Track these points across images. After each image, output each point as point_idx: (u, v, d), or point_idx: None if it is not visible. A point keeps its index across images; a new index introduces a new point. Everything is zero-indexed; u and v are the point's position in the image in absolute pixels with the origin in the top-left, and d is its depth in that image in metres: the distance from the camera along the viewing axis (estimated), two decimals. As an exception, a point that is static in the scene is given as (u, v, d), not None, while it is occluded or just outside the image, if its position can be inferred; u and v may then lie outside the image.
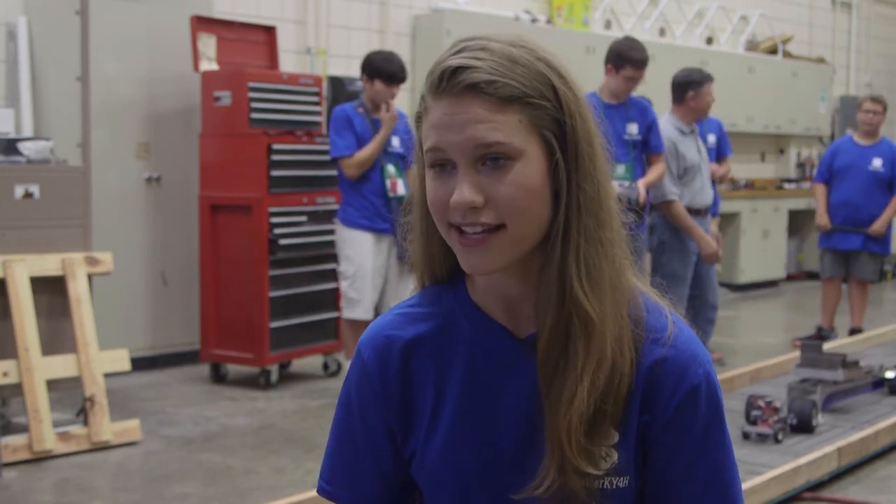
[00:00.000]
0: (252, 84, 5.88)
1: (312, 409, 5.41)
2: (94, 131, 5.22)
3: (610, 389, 1.18)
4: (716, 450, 1.22)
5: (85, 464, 4.47)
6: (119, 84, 6.15)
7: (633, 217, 1.26)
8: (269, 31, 6.63)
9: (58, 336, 4.74)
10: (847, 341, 6.77)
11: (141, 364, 5.99)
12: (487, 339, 1.24)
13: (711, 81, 5.94)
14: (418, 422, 1.26)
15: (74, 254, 4.81)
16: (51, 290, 4.74)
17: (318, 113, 6.20)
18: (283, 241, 5.84)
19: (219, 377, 6.02)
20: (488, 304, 1.25)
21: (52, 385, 4.64)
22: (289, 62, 7.14)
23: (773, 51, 11.19)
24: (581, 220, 1.17)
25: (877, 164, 7.09)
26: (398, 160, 5.38)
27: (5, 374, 4.49)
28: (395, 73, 5.26)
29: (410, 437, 1.26)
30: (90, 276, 4.87)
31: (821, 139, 11.84)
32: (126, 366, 4.92)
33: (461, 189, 1.14)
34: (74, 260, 4.78)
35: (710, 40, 10.57)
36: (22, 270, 4.61)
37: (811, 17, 12.21)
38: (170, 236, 6.41)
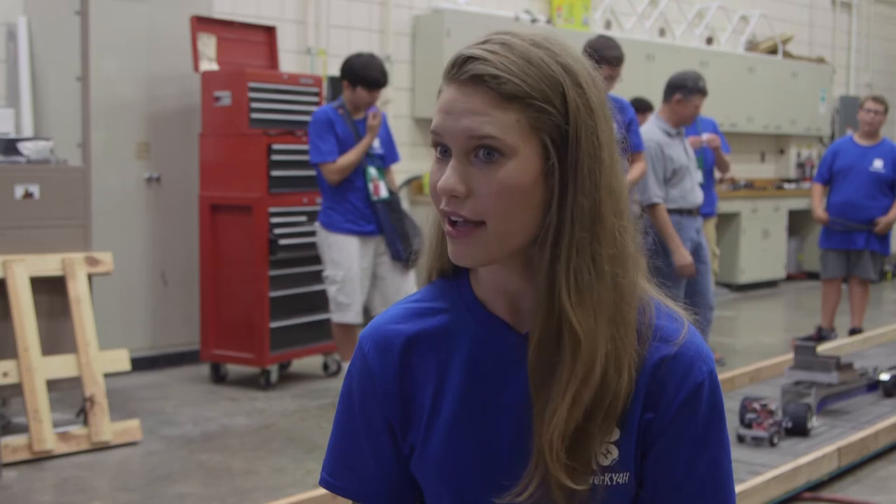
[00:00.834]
0: (252, 84, 5.88)
1: (312, 409, 5.41)
2: (94, 131, 5.22)
3: (598, 408, 1.16)
4: (715, 448, 1.22)
5: (85, 464, 4.47)
6: (119, 84, 6.16)
7: None
8: (269, 31, 6.64)
9: (58, 336, 4.75)
10: (847, 341, 6.77)
11: (141, 364, 5.99)
12: (489, 335, 1.24)
13: (704, 96, 5.83)
14: (418, 417, 1.26)
15: (74, 254, 4.81)
16: (51, 290, 4.74)
17: (318, 113, 6.20)
18: (283, 241, 5.84)
19: (219, 377, 6.02)
20: (491, 298, 1.25)
21: (52, 385, 4.64)
22: (289, 62, 7.13)
23: (773, 51, 11.19)
24: (574, 232, 1.15)
25: (878, 164, 7.08)
26: (379, 161, 5.34)
27: (5, 374, 4.49)
28: (377, 80, 5.21)
29: (410, 432, 1.26)
30: (90, 276, 4.87)
31: (821, 139, 11.84)
32: (126, 366, 4.92)
33: (447, 174, 1.15)
34: (74, 260, 4.78)
35: (710, 40, 10.57)
36: (22, 270, 4.61)
37: (811, 17, 12.21)
38: (170, 236, 6.41)
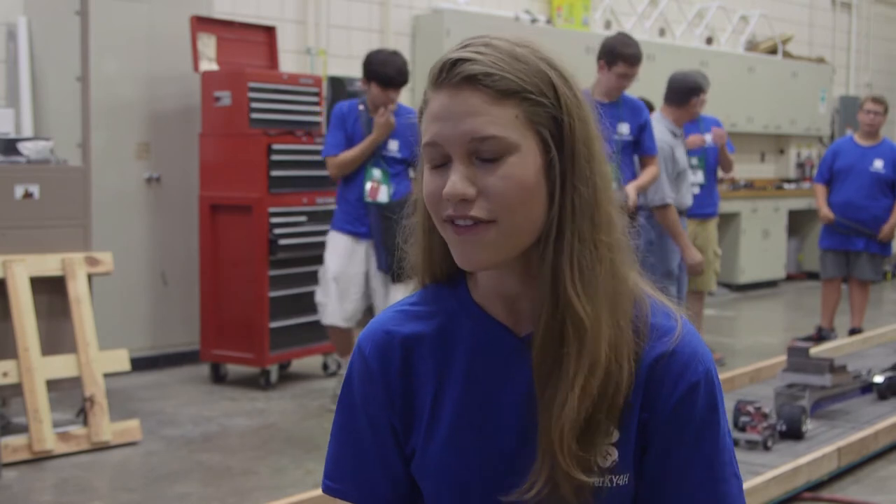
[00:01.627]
0: (252, 84, 5.87)
1: (312, 409, 5.41)
2: (94, 131, 5.22)
3: (604, 398, 1.17)
4: (711, 449, 1.21)
5: (85, 464, 4.46)
6: (119, 84, 6.16)
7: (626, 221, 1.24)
8: (269, 31, 6.64)
9: (58, 336, 4.74)
10: (847, 341, 6.77)
11: (141, 364, 5.99)
12: (488, 338, 1.24)
13: (709, 85, 6.04)
14: (418, 419, 1.26)
15: (74, 254, 4.81)
16: (51, 290, 4.74)
17: (318, 113, 6.20)
18: (283, 241, 5.84)
19: (219, 377, 6.01)
20: (489, 302, 1.25)
21: (52, 385, 4.64)
22: (289, 62, 7.13)
23: (773, 51, 11.19)
24: (575, 221, 1.16)
25: (878, 165, 7.08)
26: (391, 164, 5.06)
27: (5, 374, 4.49)
28: (391, 78, 4.92)
29: (411, 435, 1.26)
30: (90, 276, 4.86)
31: (821, 139, 11.84)
32: (126, 366, 4.92)
33: (453, 180, 1.14)
34: (74, 260, 4.78)
35: (710, 40, 10.57)
36: (22, 270, 4.61)
37: (811, 17, 12.21)
38: (170, 236, 6.41)
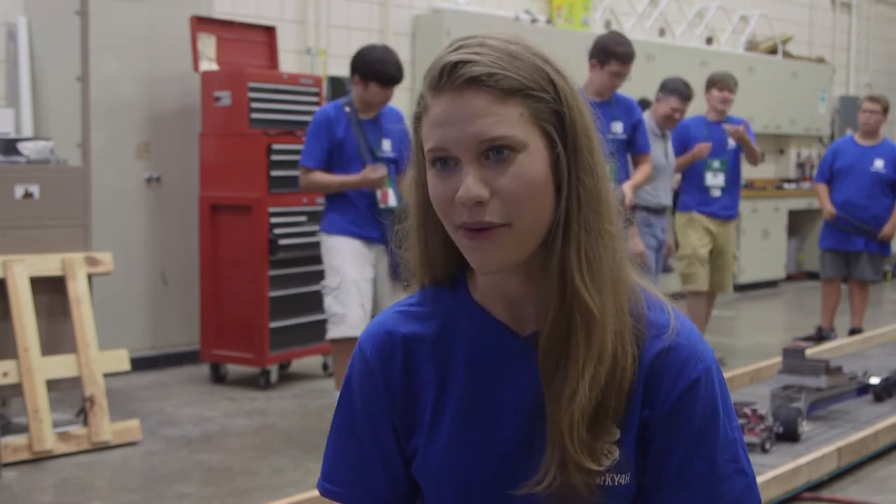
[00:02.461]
0: (252, 84, 5.88)
1: (312, 409, 5.41)
2: (94, 131, 5.22)
3: (612, 384, 1.18)
4: (711, 446, 1.21)
5: (85, 464, 4.46)
6: (119, 84, 6.16)
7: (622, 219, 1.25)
8: (269, 31, 6.64)
9: (58, 336, 4.74)
10: (847, 341, 6.77)
11: (141, 364, 5.99)
12: (489, 338, 1.24)
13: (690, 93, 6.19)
14: (420, 420, 1.26)
15: (74, 254, 4.81)
16: (51, 290, 4.74)
17: (318, 113, 6.19)
18: (283, 241, 5.84)
19: (219, 377, 6.01)
20: (490, 303, 1.25)
21: (52, 385, 4.64)
22: (289, 62, 7.13)
23: (773, 51, 11.19)
24: (581, 212, 1.17)
25: (878, 164, 7.08)
26: (389, 166, 4.76)
27: (5, 374, 4.49)
28: (392, 76, 4.63)
29: (413, 435, 1.26)
30: (90, 276, 4.86)
31: (821, 139, 11.84)
32: (126, 366, 4.92)
33: (466, 184, 1.14)
34: (74, 260, 4.78)
35: (710, 40, 10.57)
36: (22, 270, 4.61)
37: (811, 17, 12.21)
38: (170, 236, 6.41)
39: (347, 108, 4.72)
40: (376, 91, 4.65)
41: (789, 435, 4.49)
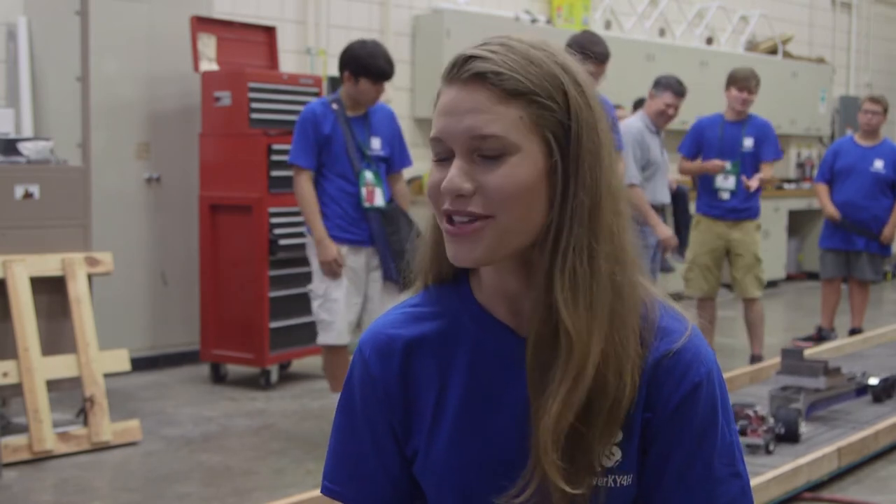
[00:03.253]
0: (252, 84, 5.88)
1: (312, 409, 5.41)
2: (94, 131, 5.22)
3: (596, 413, 1.16)
4: (710, 449, 1.21)
5: (85, 464, 4.46)
6: (119, 84, 6.16)
7: None
8: (269, 31, 6.64)
9: (58, 336, 4.74)
10: (847, 341, 6.77)
11: (141, 364, 5.98)
12: (491, 338, 1.24)
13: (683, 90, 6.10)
14: (420, 421, 1.25)
15: (74, 254, 4.81)
16: (51, 290, 4.73)
17: (318, 113, 6.19)
18: (283, 241, 5.84)
19: (219, 377, 6.01)
20: (492, 303, 1.25)
21: (52, 385, 4.64)
22: (289, 62, 7.13)
23: (773, 51, 11.19)
24: (573, 228, 1.15)
25: (879, 165, 7.07)
26: (378, 164, 4.64)
27: (5, 374, 4.49)
28: (384, 71, 4.54)
29: (413, 437, 1.26)
30: (90, 276, 4.86)
31: (821, 139, 11.84)
32: (126, 366, 4.92)
33: (451, 175, 1.15)
34: (74, 260, 4.78)
35: (710, 40, 10.57)
36: (22, 270, 4.61)
37: (811, 17, 12.21)
38: (170, 236, 6.41)
39: (335, 105, 4.62)
40: (367, 87, 4.55)
41: (790, 436, 4.49)
